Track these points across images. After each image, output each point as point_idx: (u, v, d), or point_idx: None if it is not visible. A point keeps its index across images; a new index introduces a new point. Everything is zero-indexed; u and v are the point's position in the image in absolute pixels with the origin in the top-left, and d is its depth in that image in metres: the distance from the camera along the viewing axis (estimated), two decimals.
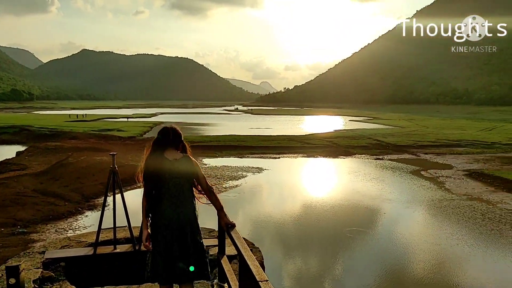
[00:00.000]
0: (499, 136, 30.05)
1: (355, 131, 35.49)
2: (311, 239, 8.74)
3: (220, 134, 30.59)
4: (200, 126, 45.04)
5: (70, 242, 5.32)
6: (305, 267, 7.13)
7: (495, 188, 13.00)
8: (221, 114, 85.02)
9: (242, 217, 10.22)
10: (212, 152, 20.65)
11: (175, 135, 3.39)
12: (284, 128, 41.65)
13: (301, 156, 20.42)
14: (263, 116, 75.31)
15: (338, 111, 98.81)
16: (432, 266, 7.20)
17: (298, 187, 14.35)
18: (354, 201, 11.70)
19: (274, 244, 8.38)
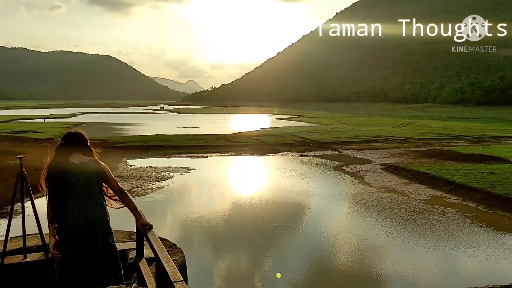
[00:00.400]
0: (412, 132, 32.34)
1: (281, 129, 36.31)
2: (240, 237, 8.81)
3: (146, 134, 29.80)
4: (124, 126, 43.56)
5: None
6: (235, 265, 7.18)
7: (408, 180, 13.97)
8: (146, 114, 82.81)
9: (169, 218, 10.06)
10: (137, 153, 20.08)
11: (80, 140, 3.32)
12: (212, 127, 41.55)
13: (229, 155, 20.51)
14: (190, 115, 74.53)
15: (264, 110, 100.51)
16: (356, 256, 7.59)
17: (226, 185, 14.40)
18: (281, 197, 11.98)
19: (202, 244, 8.34)
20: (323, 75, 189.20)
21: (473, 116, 61.90)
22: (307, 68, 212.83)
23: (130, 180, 13.58)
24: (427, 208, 10.56)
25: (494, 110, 75.37)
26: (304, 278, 6.63)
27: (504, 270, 6.82)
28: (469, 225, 9.23)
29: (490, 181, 12.17)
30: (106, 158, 17.16)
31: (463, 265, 7.19)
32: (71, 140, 3.27)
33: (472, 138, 28.27)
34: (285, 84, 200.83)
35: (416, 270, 7.03)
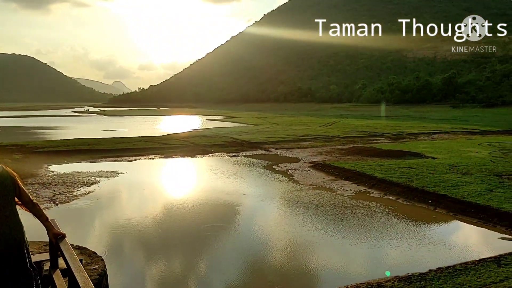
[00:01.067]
0: (338, 130, 33.73)
1: (211, 130, 36.22)
2: (172, 240, 8.68)
3: (69, 138, 28.29)
4: (46, 130, 41.07)
5: None
6: (166, 269, 7.05)
7: (335, 177, 14.57)
8: (69, 117, 78.70)
9: (95, 225, 9.64)
10: (60, 158, 19.02)
11: None
12: (141, 129, 40.45)
13: (159, 157, 20.09)
14: (117, 118, 71.94)
15: (195, 111, 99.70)
16: (289, 253, 7.79)
17: (157, 188, 14.10)
18: (213, 199, 11.97)
19: (131, 250, 8.10)
20: (252, 75, 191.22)
21: (393, 115, 65.82)
22: (236, 68, 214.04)
23: (53, 186, 12.84)
24: (353, 203, 11.09)
25: (411, 109, 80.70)
26: (238, 278, 6.68)
27: (424, 258, 7.34)
28: (392, 217, 9.83)
29: (408, 175, 13.04)
30: (25, 165, 16.11)
31: (387, 255, 7.63)
32: None
33: (392, 135, 30.09)
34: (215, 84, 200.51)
35: (346, 263, 7.37)
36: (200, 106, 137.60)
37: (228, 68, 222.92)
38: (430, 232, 8.87)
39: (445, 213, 10.00)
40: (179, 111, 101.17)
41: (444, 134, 31.69)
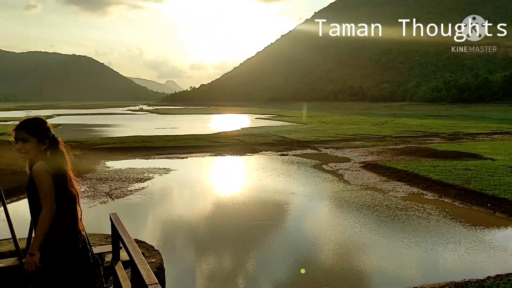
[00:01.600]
0: (390, 130, 32.83)
1: (261, 128, 36.39)
2: (221, 237, 8.79)
3: (124, 135, 29.44)
4: (103, 127, 42.94)
5: None
6: (216, 266, 7.15)
7: (387, 178, 14.18)
8: (125, 115, 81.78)
9: (149, 220, 9.95)
10: (116, 154, 19.81)
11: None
12: (191, 127, 41.33)
13: (209, 155, 20.44)
14: (169, 116, 73.98)
15: (244, 109, 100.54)
16: (339, 254, 7.65)
17: (207, 186, 14.34)
18: (262, 197, 12.00)
19: (183, 245, 8.28)
20: (302, 74, 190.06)
21: (449, 114, 63.19)
22: (285, 67, 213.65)
23: (109, 182, 13.39)
24: (407, 204, 10.75)
25: (468, 108, 77.14)
26: (286, 277, 6.66)
27: (482, 264, 6.98)
28: (448, 221, 9.43)
29: (465, 177, 12.45)
30: (83, 160, 16.91)
31: (443, 260, 7.32)
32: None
33: (447, 136, 28.87)
34: (264, 83, 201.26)
35: (399, 267, 7.14)
36: (249, 105, 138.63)
37: (278, 66, 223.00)
38: (489, 237, 8.42)
39: (506, 218, 9.46)
40: (228, 109, 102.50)
41: (505, 134, 30.02)
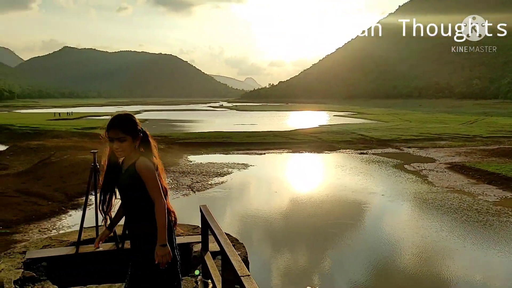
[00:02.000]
0: (480, 129, 30.58)
1: (339, 126, 35.75)
2: (298, 234, 8.77)
3: (205, 130, 30.48)
4: (185, 123, 44.81)
5: (52, 241, 5.19)
6: (293, 262, 7.16)
7: (476, 180, 13.23)
8: (206, 111, 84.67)
9: (229, 214, 10.21)
10: (197, 149, 20.58)
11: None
12: (269, 124, 41.70)
13: (287, 152, 20.49)
14: (248, 112, 75.28)
15: (322, 107, 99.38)
16: (423, 258, 7.25)
17: (285, 182, 14.38)
18: (340, 195, 11.79)
19: (261, 240, 8.40)
20: (383, 70, 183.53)
21: None
22: (366, 63, 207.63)
23: (191, 175, 13.95)
24: (499, 210, 9.94)
25: None
26: (364, 279, 6.48)
27: None
28: None
29: None
30: (168, 154, 17.77)
31: None
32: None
33: None
34: (343, 80, 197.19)
35: (489, 277, 6.62)
36: (328, 102, 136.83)
37: (358, 63, 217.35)
38: None
39: None
40: (306, 106, 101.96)
41: None
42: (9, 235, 7.77)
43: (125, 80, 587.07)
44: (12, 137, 26.06)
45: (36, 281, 4.15)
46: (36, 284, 4.10)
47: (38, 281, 4.15)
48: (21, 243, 7.32)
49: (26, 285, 4.05)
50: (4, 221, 8.50)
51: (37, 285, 4.07)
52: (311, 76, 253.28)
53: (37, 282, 4.13)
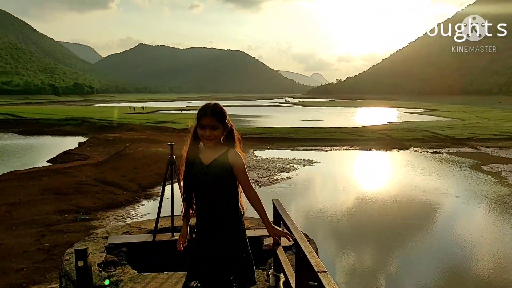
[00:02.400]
0: None
1: (410, 123, 34.35)
2: (365, 233, 8.57)
3: (271, 126, 30.64)
4: (251, 118, 45.34)
5: (131, 228, 5.50)
6: (359, 261, 7.01)
7: None
8: (272, 106, 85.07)
9: (294, 209, 10.19)
10: (263, 144, 20.74)
11: None
12: (336, 120, 41.06)
13: (354, 149, 20.05)
14: (314, 108, 74.62)
15: (392, 103, 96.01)
16: (500, 265, 6.80)
17: (351, 180, 14.09)
18: (409, 195, 11.34)
19: (327, 237, 8.30)
20: (459, 65, 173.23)
21: None
22: (440, 58, 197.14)
23: (257, 170, 14.10)
24: None
25: None
26: (433, 283, 6.19)
27: None
28: None
29: None
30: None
31: None
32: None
33: None
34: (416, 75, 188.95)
35: None
36: (398, 98, 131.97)
37: (432, 57, 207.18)
38: None
39: None
40: (375, 103, 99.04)
41: None
42: (89, 221, 8.34)
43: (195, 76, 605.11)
44: (92, 130, 27.89)
45: (117, 265, 4.40)
46: (117, 268, 4.35)
47: (119, 265, 4.40)
48: (99, 229, 7.84)
49: (108, 268, 4.31)
50: (84, 208, 9.14)
51: (118, 269, 4.31)
52: (381, 71, 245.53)
53: (118, 266, 4.38)
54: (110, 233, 5.32)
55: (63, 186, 10.71)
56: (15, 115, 39.28)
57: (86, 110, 55.02)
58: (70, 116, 37.14)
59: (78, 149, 18.93)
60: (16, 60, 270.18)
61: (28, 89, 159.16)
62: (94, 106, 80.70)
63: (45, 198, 9.69)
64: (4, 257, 6.20)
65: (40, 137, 26.30)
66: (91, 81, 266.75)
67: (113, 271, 4.27)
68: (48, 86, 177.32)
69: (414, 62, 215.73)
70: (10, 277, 5.62)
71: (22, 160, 16.99)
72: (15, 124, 32.05)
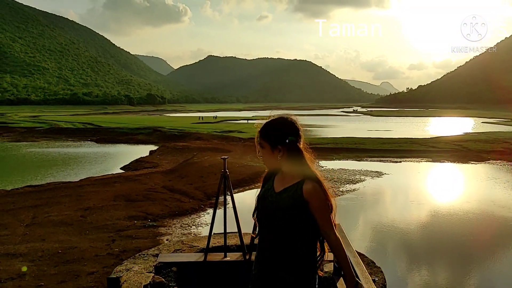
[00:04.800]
0: None
1: (488, 134, 32.11)
2: (438, 251, 7.98)
3: (338, 136, 30.04)
4: (317, 127, 44.80)
5: (183, 246, 5.41)
6: (433, 282, 6.49)
7: None
8: (339, 116, 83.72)
9: (361, 225, 9.77)
10: (329, 154, 20.31)
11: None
12: (406, 130, 39.42)
13: (425, 161, 19.03)
14: (383, 118, 72.30)
15: (468, 112, 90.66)
16: None
17: (422, 193, 13.33)
18: (488, 211, 10.47)
19: (397, 257, 7.81)
20: None
21: None
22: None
23: None
24: None
25: None
26: None
27: None
28: None
29: None
30: None
31: None
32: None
33: None
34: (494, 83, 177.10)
35: None
36: (475, 107, 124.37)
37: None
38: None
39: None
40: (449, 112, 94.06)
41: None
42: (156, 228, 8.55)
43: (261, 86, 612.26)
44: (162, 138, 29.01)
45: (165, 287, 4.28)
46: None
47: (167, 287, 4.28)
48: (165, 236, 8.01)
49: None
50: (152, 214, 9.41)
51: None
52: (456, 79, 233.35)
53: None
54: (162, 250, 5.26)
55: (134, 193, 11.14)
56: (93, 124, 42.02)
57: (158, 120, 57.52)
58: (143, 125, 39.01)
59: (149, 157, 19.72)
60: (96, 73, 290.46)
61: (106, 100, 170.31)
62: (165, 115, 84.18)
63: (117, 204, 10.11)
64: (77, 260, 6.49)
65: (115, 145, 27.83)
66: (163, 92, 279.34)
67: None
68: (124, 96, 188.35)
69: (492, 69, 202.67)
70: (81, 280, 5.85)
71: (98, 167, 18.01)
72: (93, 133, 34.22)
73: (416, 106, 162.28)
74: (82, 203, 10.15)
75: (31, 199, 10.75)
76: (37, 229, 8.17)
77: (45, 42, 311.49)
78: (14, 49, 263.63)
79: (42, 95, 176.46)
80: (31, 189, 12.29)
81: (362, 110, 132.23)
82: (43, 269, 6.00)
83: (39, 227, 8.34)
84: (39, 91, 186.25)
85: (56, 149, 25.80)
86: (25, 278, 5.65)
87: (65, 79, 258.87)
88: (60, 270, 6.01)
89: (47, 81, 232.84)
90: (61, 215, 9.16)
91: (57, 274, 5.85)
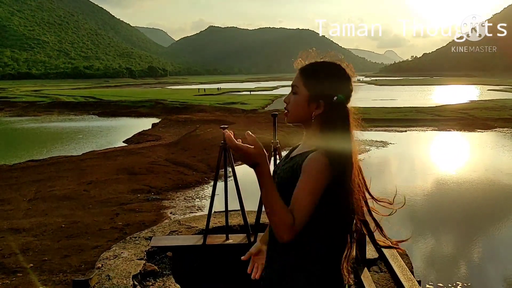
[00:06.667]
0: None
1: (495, 101, 31.71)
2: (443, 221, 7.87)
3: None
4: None
5: (180, 227, 4.88)
6: (437, 251, 6.40)
7: None
8: None
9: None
10: None
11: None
12: (411, 99, 38.99)
13: (431, 130, 18.81)
14: (387, 87, 71.60)
15: (474, 80, 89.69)
16: None
17: (428, 163, 13.17)
18: (495, 180, 10.31)
19: (404, 231, 7.72)
20: None
21: None
22: None
23: None
24: None
25: None
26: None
27: None
28: None
29: None
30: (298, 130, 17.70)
31: None
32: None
33: None
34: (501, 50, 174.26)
35: None
36: (481, 75, 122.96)
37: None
38: None
39: None
40: (455, 80, 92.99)
41: None
42: (159, 201, 8.48)
43: (264, 57, 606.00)
44: (164, 111, 28.80)
45: (158, 276, 3.75)
46: (157, 280, 3.71)
47: (159, 276, 3.76)
48: (169, 209, 7.94)
49: (146, 281, 3.68)
50: (156, 188, 9.33)
51: (158, 281, 3.68)
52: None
53: (159, 277, 3.74)
54: (156, 231, 4.69)
55: (136, 166, 11.05)
56: (95, 97, 41.78)
57: (160, 92, 57.13)
58: (145, 98, 38.72)
59: (151, 130, 19.60)
60: (96, 46, 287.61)
61: (107, 73, 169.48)
62: (167, 88, 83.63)
63: (120, 178, 10.03)
64: (81, 235, 6.43)
65: (117, 118, 27.67)
66: (165, 64, 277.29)
67: (152, 284, 3.62)
68: (125, 69, 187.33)
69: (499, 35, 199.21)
70: (85, 254, 5.79)
71: (100, 141, 17.92)
72: (95, 106, 34.04)
73: (421, 75, 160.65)
74: (85, 177, 10.07)
75: (34, 174, 10.70)
76: (40, 204, 8.12)
77: (43, 15, 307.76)
78: (13, 22, 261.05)
79: (43, 69, 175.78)
80: (33, 163, 12.23)
81: (366, 79, 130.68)
82: (47, 244, 5.95)
83: (42, 201, 8.28)
84: (39, 65, 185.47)
85: (58, 123, 25.71)
86: (28, 253, 5.60)
87: (66, 53, 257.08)
88: (64, 244, 5.95)
89: (48, 54, 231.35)
90: (64, 189, 9.10)
91: (61, 248, 5.79)
